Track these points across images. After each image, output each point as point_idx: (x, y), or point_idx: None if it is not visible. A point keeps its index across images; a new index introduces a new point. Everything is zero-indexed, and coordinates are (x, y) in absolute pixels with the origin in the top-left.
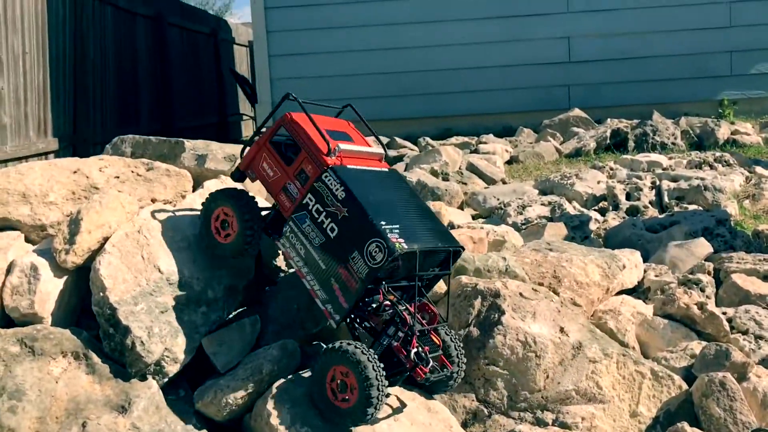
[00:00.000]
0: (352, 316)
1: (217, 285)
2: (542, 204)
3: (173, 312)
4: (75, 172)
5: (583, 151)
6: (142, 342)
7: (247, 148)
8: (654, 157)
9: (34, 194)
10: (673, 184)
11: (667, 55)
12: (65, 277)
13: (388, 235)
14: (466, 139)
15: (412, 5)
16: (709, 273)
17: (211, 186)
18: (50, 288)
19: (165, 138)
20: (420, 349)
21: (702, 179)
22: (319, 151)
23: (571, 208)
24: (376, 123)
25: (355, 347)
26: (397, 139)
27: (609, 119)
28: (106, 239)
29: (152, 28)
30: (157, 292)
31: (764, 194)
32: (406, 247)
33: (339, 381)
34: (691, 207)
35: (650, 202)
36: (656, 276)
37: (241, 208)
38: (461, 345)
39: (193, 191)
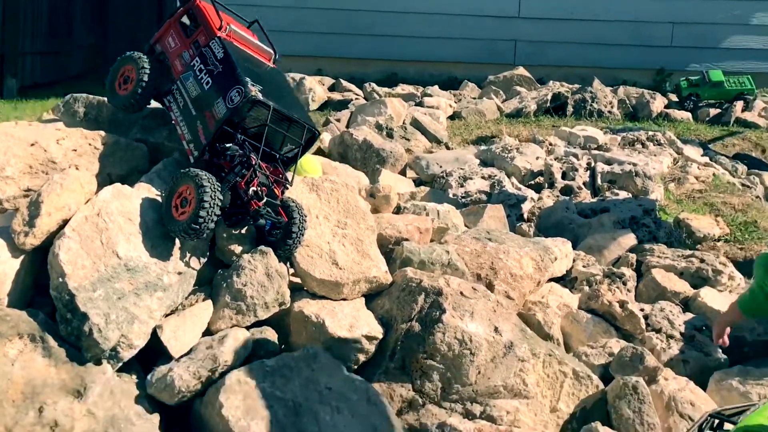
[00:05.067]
0: (214, 161)
1: (173, 270)
2: (482, 177)
3: (130, 298)
4: (32, 144)
5: (524, 112)
6: (99, 329)
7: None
8: (591, 131)
9: None
10: (607, 167)
11: (612, 20)
12: (22, 257)
13: (249, 85)
14: (411, 89)
15: None
16: (631, 266)
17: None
18: (7, 269)
19: None
20: (259, 189)
21: (634, 164)
22: (213, 25)
23: (510, 185)
24: (321, 59)
25: (203, 172)
26: (342, 81)
27: (551, 82)
28: (65, 221)
29: None
30: (114, 278)
31: (688, 178)
32: (261, 96)
33: (182, 198)
34: (622, 193)
35: (584, 183)
36: (584, 267)
37: None
38: (305, 216)
39: (150, 167)
